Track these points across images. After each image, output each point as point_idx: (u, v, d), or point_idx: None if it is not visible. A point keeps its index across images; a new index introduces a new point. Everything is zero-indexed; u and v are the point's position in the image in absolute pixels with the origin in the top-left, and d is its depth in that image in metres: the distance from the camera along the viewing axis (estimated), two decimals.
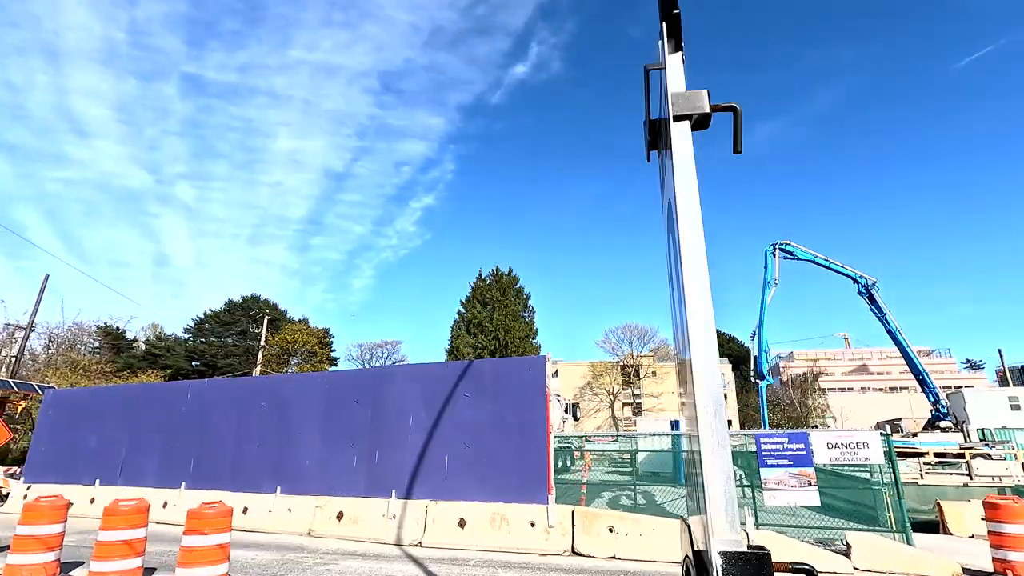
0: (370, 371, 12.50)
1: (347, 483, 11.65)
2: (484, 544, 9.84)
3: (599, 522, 9.43)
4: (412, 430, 11.40)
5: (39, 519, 7.46)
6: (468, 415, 11.01)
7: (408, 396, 11.68)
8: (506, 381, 10.91)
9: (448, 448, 10.94)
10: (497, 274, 60.65)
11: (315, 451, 12.31)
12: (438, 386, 11.48)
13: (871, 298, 33.74)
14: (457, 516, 10.26)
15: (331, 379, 12.92)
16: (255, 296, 67.67)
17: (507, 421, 10.63)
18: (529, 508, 9.90)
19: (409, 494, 10.94)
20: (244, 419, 13.43)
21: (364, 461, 11.66)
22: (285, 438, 12.74)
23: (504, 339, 55.88)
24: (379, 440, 11.67)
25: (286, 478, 12.40)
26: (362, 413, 12.05)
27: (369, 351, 70.45)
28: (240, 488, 12.88)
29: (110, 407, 15.48)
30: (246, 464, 13.06)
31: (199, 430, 13.92)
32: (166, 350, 63.85)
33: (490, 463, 10.52)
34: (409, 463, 11.17)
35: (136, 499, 7.51)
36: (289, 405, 13.00)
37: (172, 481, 13.82)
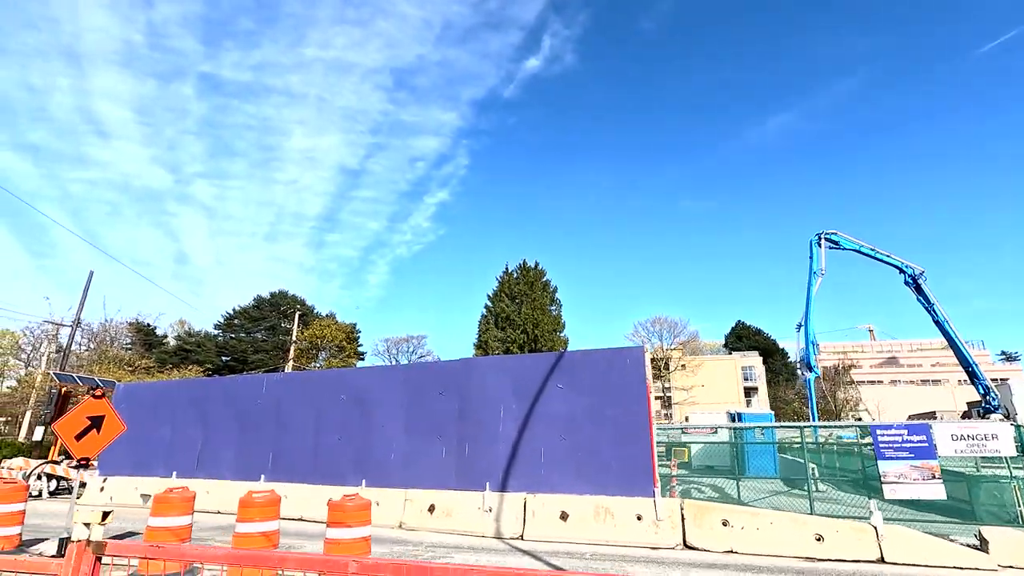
0: (454, 363, 12.37)
1: (436, 476, 11.56)
2: (588, 537, 9.68)
3: (712, 515, 9.22)
4: (503, 422, 11.26)
5: (170, 511, 7.44)
6: (562, 407, 10.83)
7: (497, 388, 11.53)
8: (601, 372, 10.71)
9: (543, 440, 10.78)
10: (524, 268, 60.43)
11: (399, 444, 12.24)
12: (528, 378, 11.31)
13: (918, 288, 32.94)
14: (558, 509, 10.11)
15: (411, 371, 12.83)
16: (283, 292, 68.24)
17: (605, 413, 10.44)
18: (634, 501, 9.71)
19: (504, 487, 10.81)
20: (323, 412, 13.41)
21: (453, 454, 11.55)
22: (367, 431, 12.69)
23: (533, 333, 55.71)
24: (468, 432, 11.55)
25: (370, 471, 12.35)
26: (448, 405, 11.94)
27: (395, 345, 70.87)
28: (322, 481, 12.87)
29: (182, 400, 15.58)
30: (327, 457, 13.04)
31: (276, 423, 13.93)
32: (196, 346, 64.66)
33: (589, 456, 10.34)
34: (501, 456, 11.04)
35: (268, 491, 7.46)
36: (369, 398, 12.93)
37: (250, 473, 13.86)
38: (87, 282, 34.39)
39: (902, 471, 8.93)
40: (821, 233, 32.06)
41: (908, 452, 8.98)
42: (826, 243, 31.91)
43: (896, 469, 8.96)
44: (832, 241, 32.18)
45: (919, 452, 8.93)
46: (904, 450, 9.01)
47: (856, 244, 32.49)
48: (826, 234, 31.94)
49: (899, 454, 9.02)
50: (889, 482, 8.98)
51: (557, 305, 60.88)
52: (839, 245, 32.47)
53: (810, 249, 31.97)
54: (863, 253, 32.64)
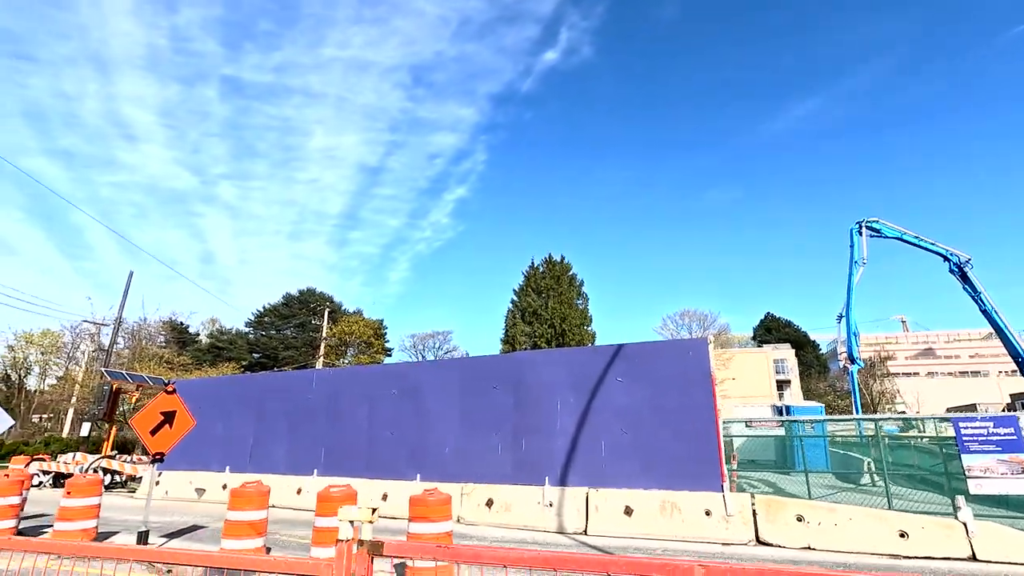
0: (508, 357, 12.28)
1: (492, 470, 11.49)
2: (655, 533, 9.50)
3: (785, 511, 8.95)
4: (560, 416, 11.12)
5: (247, 505, 7.47)
6: (623, 400, 10.65)
7: (553, 382, 11.39)
8: (662, 365, 10.49)
9: (603, 434, 10.62)
10: (550, 262, 60.19)
11: (453, 438, 12.20)
12: (586, 371, 11.15)
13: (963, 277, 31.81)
14: (622, 504, 9.94)
15: (464, 365, 12.76)
16: (311, 289, 69.15)
17: (668, 406, 10.22)
18: (702, 496, 9.49)
19: (564, 481, 10.68)
20: (375, 406, 13.44)
21: (509, 448, 11.46)
22: (420, 425, 12.67)
23: (560, 327, 55.44)
24: (524, 426, 11.44)
25: (424, 465, 12.34)
26: (503, 399, 11.85)
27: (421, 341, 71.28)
28: (375, 475, 12.91)
29: (232, 396, 15.79)
30: (380, 451, 13.07)
31: (327, 417, 14.02)
32: (229, 343, 65.96)
33: (652, 450, 10.14)
34: (560, 450, 10.91)
35: (344, 485, 7.44)
36: (422, 392, 12.91)
37: (303, 468, 13.98)
38: (127, 282, 35.22)
39: (988, 465, 8.55)
40: (862, 221, 31.12)
41: (995, 445, 8.59)
42: (867, 231, 30.99)
43: (982, 463, 8.58)
44: (873, 229, 31.23)
45: (1007, 445, 8.54)
46: (990, 443, 8.62)
47: (898, 232, 31.51)
48: (867, 222, 30.99)
49: (985, 447, 8.63)
50: (975, 476, 8.60)
51: (584, 299, 60.50)
52: (881, 233, 31.50)
53: (850, 238, 31.06)
54: (906, 241, 31.63)
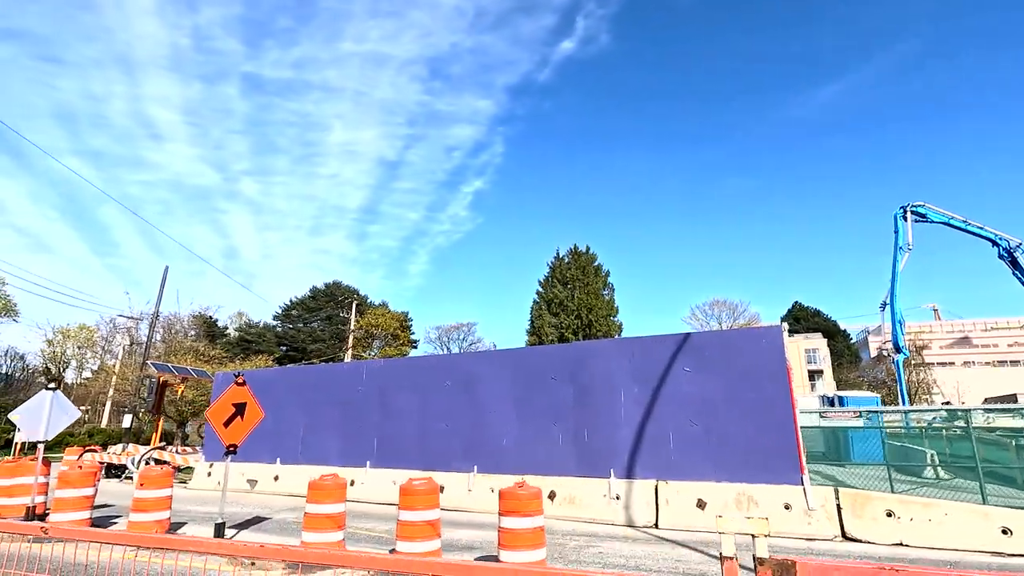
0: (566, 347, 12.01)
1: (553, 462, 11.26)
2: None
3: (873, 505, 8.56)
4: (624, 407, 10.83)
5: (326, 497, 7.34)
6: (691, 390, 10.31)
7: (615, 372, 11.10)
8: (734, 354, 10.12)
9: (671, 425, 10.31)
10: (575, 252, 59.69)
11: (511, 429, 12.00)
12: (650, 361, 10.83)
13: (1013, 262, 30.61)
14: (694, 497, 9.64)
15: (520, 356, 12.53)
16: (337, 282, 69.78)
17: (740, 397, 9.86)
18: (781, 489, 9.14)
19: (630, 474, 10.41)
20: (428, 398, 13.30)
21: (571, 439, 11.22)
22: (476, 416, 12.49)
23: (587, 318, 55.05)
24: (586, 417, 11.19)
25: (481, 457, 12.17)
26: (562, 390, 11.59)
27: (446, 333, 71.49)
28: (429, 467, 12.78)
29: (281, 388, 15.80)
30: (434, 443, 12.94)
31: (379, 409, 13.93)
32: (258, 336, 66.85)
33: (724, 441, 9.81)
34: (625, 441, 10.63)
35: (426, 479, 7.27)
36: (476, 383, 12.72)
37: (355, 459, 13.93)
38: (163, 277, 35.72)
39: None
40: (906, 206, 30.11)
41: None
42: (912, 216, 29.95)
43: None
44: (918, 214, 30.18)
45: None
46: None
47: (945, 216, 30.39)
48: (912, 207, 29.98)
49: None
50: None
51: (609, 289, 59.99)
52: (926, 218, 30.44)
53: (895, 223, 30.06)
54: (953, 226, 30.53)
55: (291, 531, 9.60)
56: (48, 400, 9.95)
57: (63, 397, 10.20)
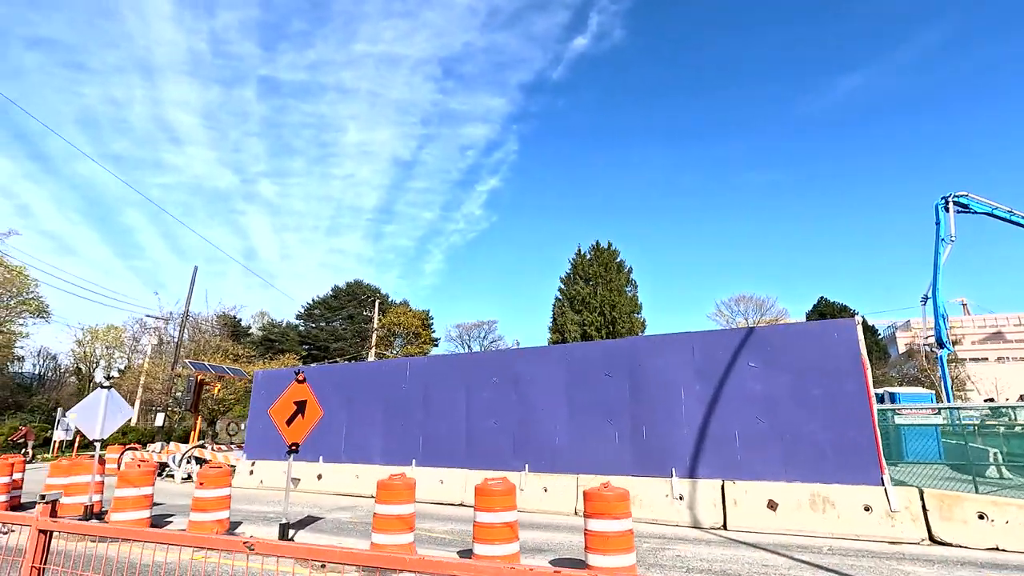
0: (620, 342, 11.68)
1: (609, 461, 10.94)
2: (804, 529, 8.78)
3: (963, 507, 8.10)
4: (684, 404, 10.47)
5: (396, 498, 7.11)
6: (757, 386, 9.91)
7: (674, 367, 10.73)
8: (804, 348, 9.69)
9: (736, 423, 9.92)
10: (597, 249, 59.15)
11: (563, 427, 11.70)
12: (711, 356, 10.44)
13: None
14: (764, 497, 9.25)
15: (572, 352, 12.21)
16: (358, 281, 70.07)
17: (812, 393, 9.44)
18: (859, 490, 8.71)
19: (693, 473, 10.05)
20: (473, 395, 13.06)
21: (628, 438, 10.88)
22: (526, 414, 12.22)
23: (611, 315, 54.51)
24: (643, 415, 10.84)
25: (532, 455, 11.89)
26: (617, 386, 11.26)
27: (467, 332, 71.41)
28: (477, 466, 12.55)
29: (322, 386, 15.65)
30: (481, 441, 12.69)
31: (424, 407, 13.73)
32: (281, 336, 67.40)
33: (796, 439, 9.39)
34: (686, 440, 10.27)
35: (500, 478, 7.00)
36: (525, 380, 12.45)
37: (400, 458, 13.75)
38: (192, 277, 36.06)
39: None
40: (948, 196, 29.13)
41: None
42: (954, 207, 28.98)
43: None
44: (961, 205, 29.21)
45: None
46: None
47: (989, 206, 29.40)
48: (954, 197, 28.99)
49: None
50: None
51: (633, 286, 59.35)
52: (969, 209, 29.47)
53: (936, 214, 29.14)
54: (997, 216, 29.52)
55: (348, 531, 9.41)
56: (103, 398, 9.89)
57: (117, 395, 10.14)
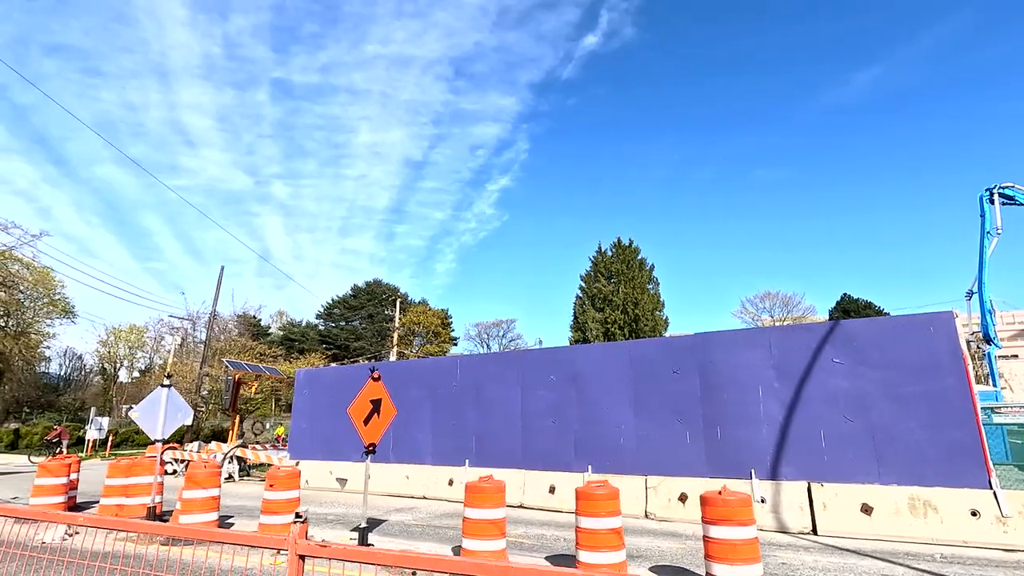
0: (689, 338, 11.21)
1: (680, 462, 10.50)
2: (903, 535, 8.28)
3: None
4: (763, 402, 9.99)
5: (486, 502, 6.74)
6: (843, 384, 9.41)
7: (749, 364, 10.26)
8: (895, 344, 9.17)
9: (821, 423, 9.43)
10: (619, 246, 58.53)
11: (628, 427, 11.27)
12: (790, 352, 9.96)
13: None
14: (857, 501, 8.75)
15: (635, 348, 11.78)
16: (378, 280, 70.08)
17: (905, 391, 8.92)
18: (964, 493, 8.18)
19: (775, 475, 9.57)
20: (529, 394, 12.67)
21: (700, 437, 10.43)
22: (587, 413, 11.81)
23: (633, 313, 53.92)
24: (716, 414, 10.38)
25: (595, 456, 11.48)
26: (687, 384, 10.80)
27: (486, 331, 71.19)
28: (535, 466, 12.17)
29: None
30: (538, 441, 12.30)
31: (477, 406, 13.37)
32: (301, 336, 67.60)
33: (889, 440, 8.88)
34: (766, 440, 9.79)
35: (601, 481, 6.60)
36: (585, 378, 12.04)
37: (451, 458, 13.41)
38: (219, 278, 36.02)
39: None
40: (993, 188, 28.15)
41: None
42: (1000, 198, 28.03)
43: None
44: (1007, 196, 28.21)
45: None
46: None
47: None
48: (1000, 188, 28.04)
49: None
50: None
51: (655, 283, 58.68)
52: (1015, 200, 28.45)
53: (980, 206, 28.18)
54: None
55: (417, 534, 9.07)
56: (164, 397, 9.64)
57: (177, 395, 9.89)
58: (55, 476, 10.13)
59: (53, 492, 10.02)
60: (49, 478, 10.05)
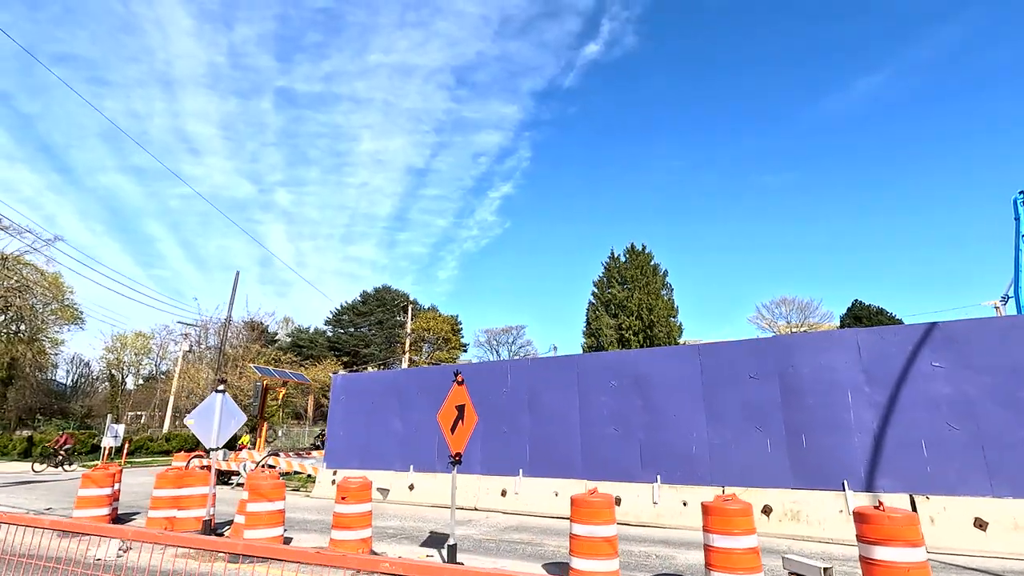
0: (765, 341, 10.68)
1: (760, 472, 9.90)
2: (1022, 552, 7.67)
3: None
4: (853, 409, 9.40)
5: (595, 518, 6.15)
6: (944, 389, 8.83)
7: (836, 368, 9.68)
8: (1004, 346, 8.60)
9: (920, 430, 8.83)
10: (632, 251, 58.06)
11: (700, 435, 10.68)
12: (883, 355, 9.38)
13: None
14: (968, 515, 8.15)
15: (706, 352, 11.20)
16: (386, 287, 69.50)
17: (1019, 395, 8.34)
18: None
19: (870, 486, 8.97)
20: (590, 400, 12.08)
21: (782, 446, 9.83)
22: (653, 420, 11.21)
23: (648, 319, 53.34)
24: (800, 421, 9.79)
25: (663, 465, 10.88)
26: (765, 390, 10.22)
27: (495, 337, 70.57)
28: (597, 476, 11.56)
29: (411, 391, 14.81)
30: (598, 449, 11.70)
31: (530, 413, 12.77)
32: (310, 342, 66.94)
33: (1001, 449, 8.29)
34: (858, 449, 9.20)
35: (730, 495, 6.01)
36: (650, 383, 11.45)
37: (503, 468, 12.80)
38: (235, 282, 35.49)
39: None
40: None
41: None
42: None
43: None
44: None
45: None
46: None
47: None
48: None
49: None
50: None
51: (668, 289, 58.11)
52: None
53: (1015, 209, 27.66)
54: None
55: (491, 550, 8.46)
56: (219, 403, 9.07)
57: (230, 400, 9.32)
58: (100, 487, 9.53)
59: (98, 504, 9.43)
60: (94, 489, 9.46)
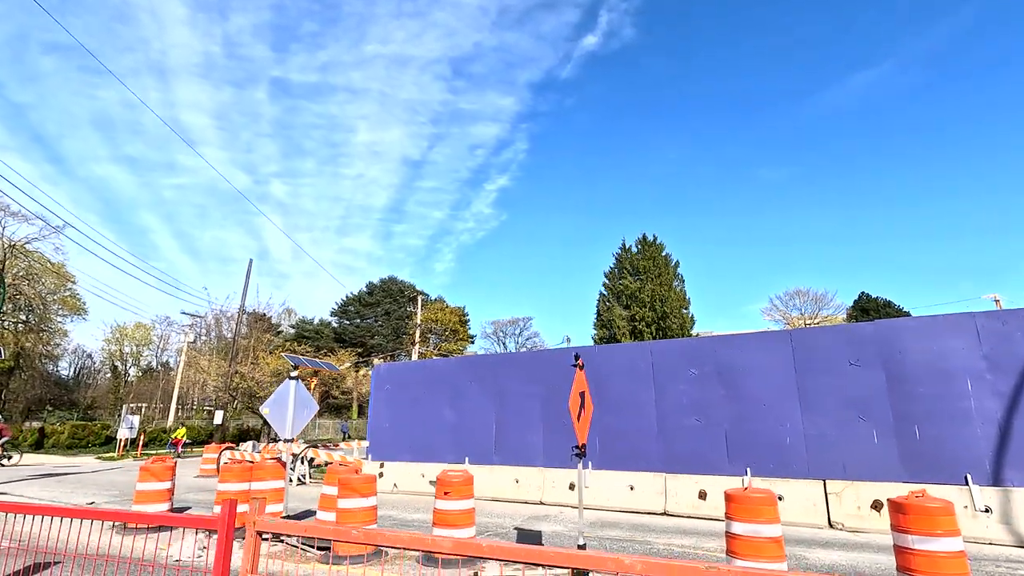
0: (867, 326, 10.02)
1: (865, 464, 9.28)
2: None
3: None
4: (974, 398, 8.78)
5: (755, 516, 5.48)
6: None
7: (952, 355, 9.05)
8: None
9: None
10: (644, 243, 57.44)
11: (794, 425, 10.04)
12: (1005, 341, 8.76)
13: None
14: None
15: (798, 338, 10.55)
16: (392, 277, 68.72)
17: None
18: None
19: (998, 480, 8.36)
20: (667, 389, 11.43)
21: (891, 437, 9.21)
22: (740, 410, 10.57)
23: (661, 310, 52.83)
24: (911, 410, 9.16)
25: (752, 457, 10.25)
26: (868, 377, 9.58)
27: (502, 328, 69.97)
28: (677, 470, 10.94)
29: (462, 380, 14.11)
30: (678, 441, 11.06)
31: (598, 402, 12.07)
32: (315, 333, 66.06)
33: None
34: (981, 440, 8.58)
35: (920, 491, 5.35)
36: (735, 371, 10.80)
37: (568, 459, 12.13)
38: (248, 272, 34.57)
39: None
40: None
41: None
42: None
43: None
44: None
45: None
46: None
47: None
48: None
49: None
50: None
51: (680, 280, 57.58)
52: None
53: None
54: None
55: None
56: (292, 390, 8.34)
57: (303, 388, 8.58)
58: (160, 480, 8.80)
59: (158, 499, 8.70)
60: (153, 483, 8.73)
